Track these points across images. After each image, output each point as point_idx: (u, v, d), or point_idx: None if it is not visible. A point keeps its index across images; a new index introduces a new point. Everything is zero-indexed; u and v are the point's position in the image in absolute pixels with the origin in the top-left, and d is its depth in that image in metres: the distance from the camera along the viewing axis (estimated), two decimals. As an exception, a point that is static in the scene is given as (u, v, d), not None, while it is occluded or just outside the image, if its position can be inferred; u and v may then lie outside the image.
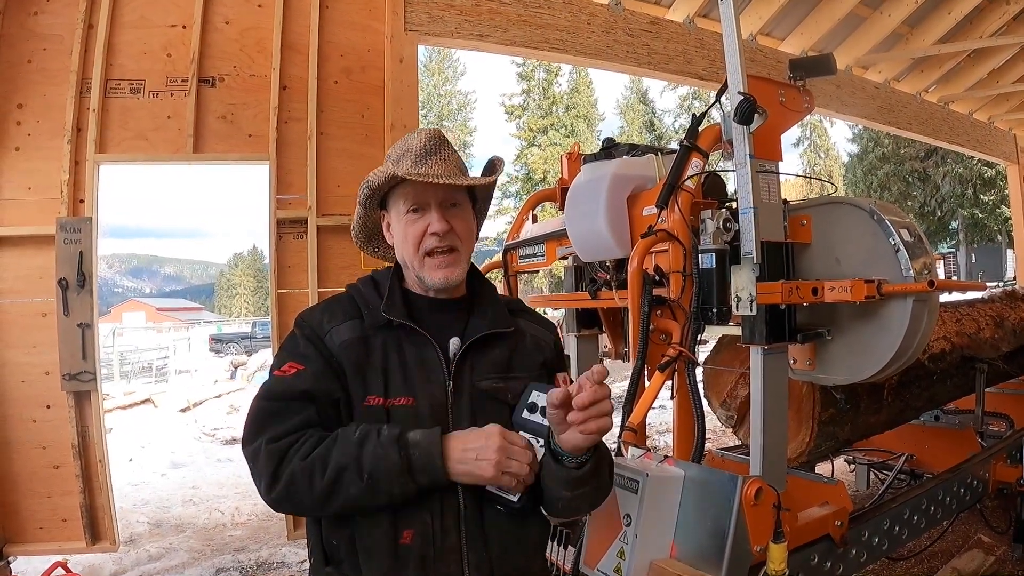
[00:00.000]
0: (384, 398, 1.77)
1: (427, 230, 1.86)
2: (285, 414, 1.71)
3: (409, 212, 1.88)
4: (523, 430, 1.75)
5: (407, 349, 1.83)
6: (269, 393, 1.76)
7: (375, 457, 1.61)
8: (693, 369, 2.49)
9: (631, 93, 58.63)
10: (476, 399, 1.84)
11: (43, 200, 4.85)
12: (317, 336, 1.83)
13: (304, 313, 1.94)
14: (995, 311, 4.50)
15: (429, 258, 1.87)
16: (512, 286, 4.03)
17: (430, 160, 1.89)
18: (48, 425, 4.84)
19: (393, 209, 1.94)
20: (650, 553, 1.86)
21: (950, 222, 39.20)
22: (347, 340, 1.81)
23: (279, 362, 1.83)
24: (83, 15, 4.95)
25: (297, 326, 1.89)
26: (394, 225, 1.95)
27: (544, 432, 1.70)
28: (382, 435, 1.65)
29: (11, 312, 4.85)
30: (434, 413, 1.78)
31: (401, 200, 1.90)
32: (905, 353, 2.50)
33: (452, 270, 1.89)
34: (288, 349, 1.85)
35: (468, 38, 5.79)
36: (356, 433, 1.66)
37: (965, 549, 4.49)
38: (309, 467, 1.62)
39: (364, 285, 1.97)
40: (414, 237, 1.87)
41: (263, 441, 1.66)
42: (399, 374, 1.80)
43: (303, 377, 1.75)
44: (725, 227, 2.44)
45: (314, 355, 1.79)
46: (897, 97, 9.23)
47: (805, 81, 2.68)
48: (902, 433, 4.83)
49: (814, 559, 2.56)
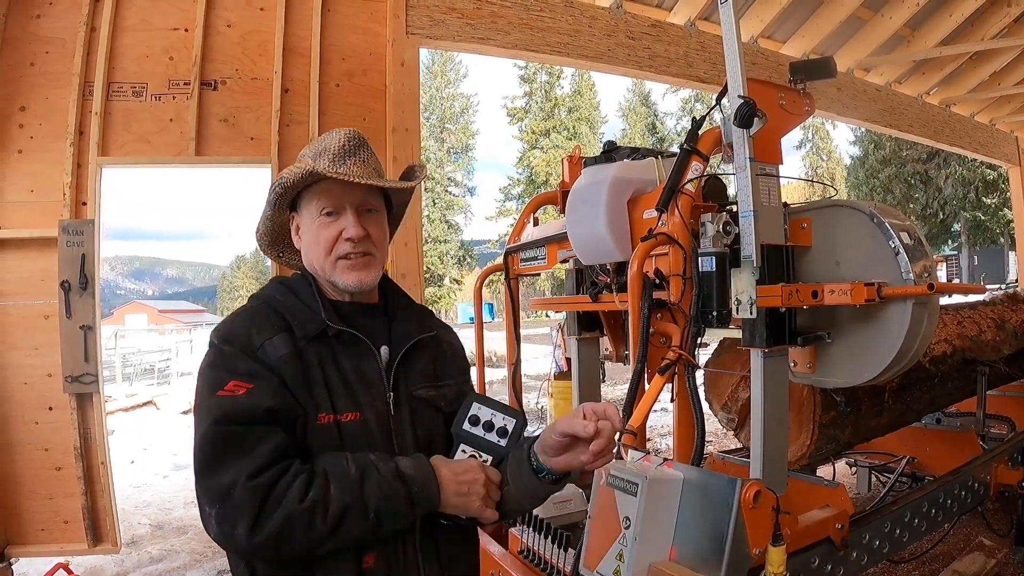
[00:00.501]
0: (333, 414, 1.68)
1: (341, 235, 1.78)
2: (251, 441, 1.53)
3: (323, 215, 1.80)
4: (466, 443, 1.77)
5: (344, 361, 1.75)
6: (224, 417, 1.55)
7: (381, 495, 1.55)
8: (693, 372, 2.49)
9: (633, 96, 58.78)
10: (414, 408, 1.82)
11: (46, 203, 4.87)
12: (250, 352, 1.66)
13: (224, 328, 1.74)
14: (996, 313, 4.50)
15: (343, 261, 1.79)
16: (513, 289, 4.04)
17: (349, 161, 1.81)
18: (50, 427, 4.86)
19: (305, 211, 1.85)
20: (649, 555, 1.87)
21: (952, 224, 39.18)
22: (284, 355, 1.67)
23: (216, 380, 1.61)
24: (86, 18, 4.98)
25: (224, 341, 1.69)
26: (305, 228, 1.86)
27: (489, 448, 1.76)
28: (382, 470, 1.58)
29: (13, 314, 4.86)
30: (380, 426, 1.73)
31: (315, 201, 1.81)
32: (905, 356, 2.50)
33: (367, 272, 1.82)
34: (222, 366, 1.64)
35: (469, 41, 5.80)
36: (352, 468, 1.56)
37: (966, 552, 4.47)
38: (309, 511, 1.49)
39: (281, 294, 1.82)
40: (327, 241, 1.79)
41: (240, 476, 1.48)
42: (342, 387, 1.71)
43: (259, 395, 1.58)
44: (725, 230, 2.44)
45: (260, 370, 1.63)
46: (899, 99, 9.24)
47: (805, 84, 2.68)
48: (903, 436, 4.82)
49: (815, 562, 2.56)
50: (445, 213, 54.58)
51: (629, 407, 2.42)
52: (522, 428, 1.79)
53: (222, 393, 1.58)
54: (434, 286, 51.00)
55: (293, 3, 5.43)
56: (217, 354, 1.67)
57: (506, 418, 1.78)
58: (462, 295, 52.48)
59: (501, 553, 2.96)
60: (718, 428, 6.92)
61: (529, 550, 2.77)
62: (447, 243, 54.20)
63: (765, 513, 1.89)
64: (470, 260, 56.70)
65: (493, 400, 1.82)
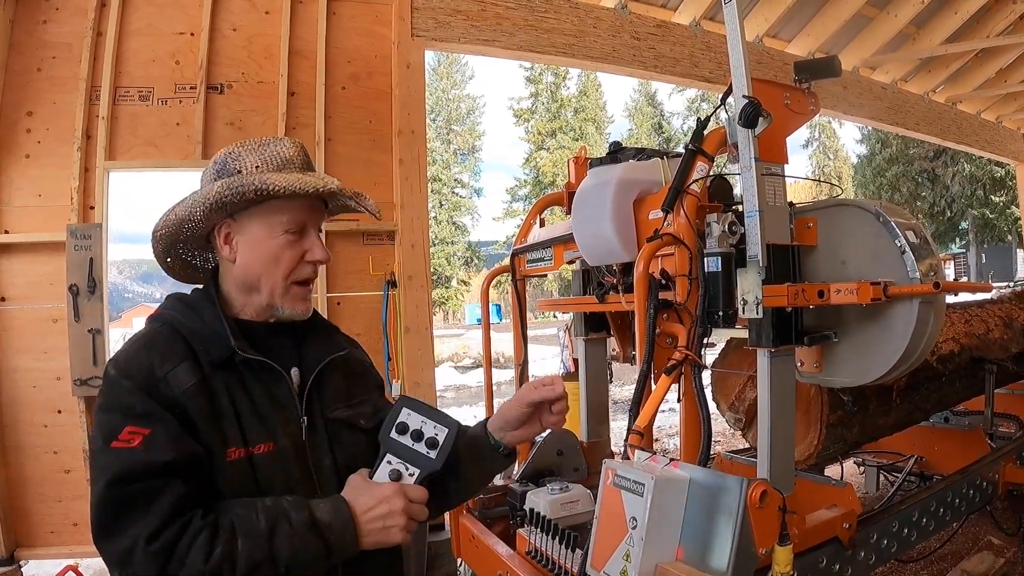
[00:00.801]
0: (244, 448, 1.59)
1: (305, 257, 1.73)
2: (147, 497, 1.42)
3: (287, 233, 1.71)
4: (392, 452, 1.66)
5: (253, 387, 1.66)
6: (121, 475, 1.43)
7: (293, 549, 1.47)
8: (699, 372, 2.49)
9: (640, 96, 58.76)
10: (331, 431, 1.77)
11: (53, 207, 4.91)
12: (151, 384, 1.54)
13: (122, 358, 1.60)
14: (1004, 312, 4.49)
15: (297, 287, 1.74)
16: (520, 290, 4.04)
17: (309, 175, 1.75)
18: (59, 430, 4.89)
19: (257, 223, 1.72)
20: (656, 555, 1.87)
21: (960, 222, 39.03)
22: (190, 387, 1.56)
23: (110, 427, 1.49)
24: (92, 23, 5.01)
25: (122, 375, 1.55)
26: (254, 241, 1.72)
27: (415, 460, 1.65)
28: (293, 521, 1.49)
29: (22, 318, 4.90)
30: (296, 453, 1.66)
31: (277, 216, 1.71)
32: (912, 355, 2.50)
33: (309, 303, 1.80)
34: (117, 408, 1.52)
35: (474, 43, 5.81)
36: (261, 521, 1.47)
37: (975, 551, 4.47)
38: (215, 571, 1.40)
39: (181, 314, 1.70)
40: (289, 262, 1.72)
41: (138, 540, 1.39)
42: (253, 417, 1.63)
43: (156, 445, 1.46)
44: (730, 230, 2.44)
45: (156, 411, 1.50)
46: (905, 98, 9.23)
47: (810, 83, 2.68)
48: (911, 435, 4.82)
49: (822, 561, 2.56)
50: (452, 214, 54.61)
51: (636, 407, 2.42)
52: (454, 439, 1.67)
53: (116, 444, 1.45)
54: (441, 287, 51.05)
55: (298, 6, 5.46)
56: (113, 391, 1.55)
57: (437, 427, 1.67)
58: (469, 296, 52.54)
59: (509, 554, 2.96)
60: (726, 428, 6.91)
61: (537, 551, 2.77)
62: (454, 244, 54.25)
63: (772, 513, 1.89)
64: (477, 261, 56.73)
65: (426, 406, 1.70)
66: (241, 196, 1.65)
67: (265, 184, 1.64)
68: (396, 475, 1.63)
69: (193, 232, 1.78)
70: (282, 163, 1.75)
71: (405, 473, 1.64)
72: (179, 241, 1.82)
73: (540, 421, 1.88)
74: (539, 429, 1.90)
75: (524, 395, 1.85)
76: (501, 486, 3.49)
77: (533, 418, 1.88)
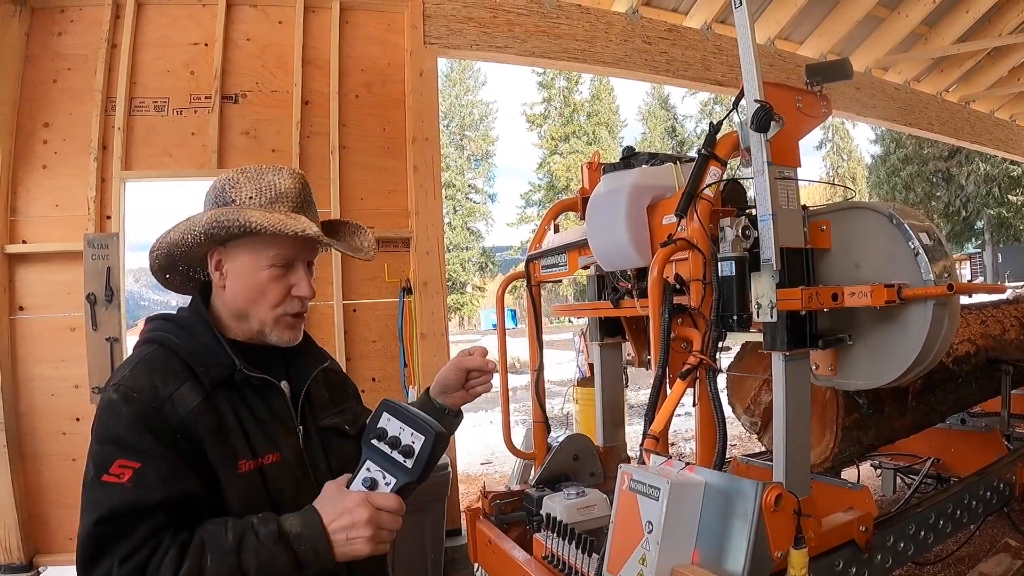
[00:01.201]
0: (253, 459, 1.64)
1: (291, 291, 1.76)
2: (130, 530, 1.45)
3: (274, 267, 1.74)
4: (372, 460, 1.62)
5: (254, 403, 1.71)
6: (107, 515, 1.44)
7: (260, 564, 1.46)
8: (715, 376, 2.49)
9: (652, 99, 58.69)
10: (323, 438, 1.83)
11: (70, 217, 4.94)
12: (153, 410, 1.55)
13: (126, 381, 1.61)
14: (1020, 312, 4.47)
15: (287, 318, 1.78)
16: (535, 296, 4.05)
17: (309, 212, 1.79)
18: (77, 437, 4.90)
19: (245, 254, 1.75)
20: (672, 559, 1.87)
21: (975, 222, 38.81)
22: (196, 406, 1.59)
23: (103, 458, 1.50)
24: (106, 35, 5.05)
25: (123, 400, 1.56)
26: (241, 271, 1.75)
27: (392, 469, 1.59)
28: (261, 535, 1.49)
29: (40, 327, 4.93)
30: (297, 463, 1.73)
31: (264, 249, 1.73)
32: (926, 357, 2.50)
33: (299, 331, 1.84)
34: (113, 439, 1.53)
35: (487, 50, 5.84)
36: (229, 536, 1.48)
37: (992, 553, 4.45)
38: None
39: (177, 336, 1.71)
40: (276, 295, 1.75)
41: (113, 562, 1.42)
42: (258, 430, 1.68)
43: (146, 483, 1.47)
44: (744, 234, 2.45)
45: (152, 446, 1.51)
46: (917, 98, 9.21)
47: (822, 86, 2.69)
48: (928, 437, 4.80)
49: (839, 565, 2.56)
50: (466, 220, 54.63)
51: (651, 412, 2.43)
52: (432, 447, 1.57)
53: (107, 478, 1.47)
54: (456, 293, 51.09)
55: (311, 16, 5.49)
56: (109, 419, 1.56)
57: (415, 435, 1.58)
58: (484, 302, 52.53)
59: (526, 559, 2.97)
60: (742, 432, 6.91)
61: (553, 555, 2.78)
62: (469, 250, 54.25)
63: (787, 516, 1.89)
64: (492, 267, 56.70)
65: (406, 411, 1.62)
66: (226, 230, 1.68)
67: (249, 221, 1.66)
68: (372, 484, 1.59)
69: (187, 254, 1.82)
70: (275, 197, 1.76)
71: (381, 482, 1.59)
72: (176, 261, 1.85)
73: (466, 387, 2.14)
74: (468, 396, 2.15)
75: (460, 362, 2.11)
76: (518, 491, 3.50)
77: (465, 385, 2.13)
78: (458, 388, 2.12)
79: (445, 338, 5.53)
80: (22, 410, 4.89)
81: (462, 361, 2.10)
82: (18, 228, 4.93)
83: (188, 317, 1.78)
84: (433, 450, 1.58)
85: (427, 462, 1.58)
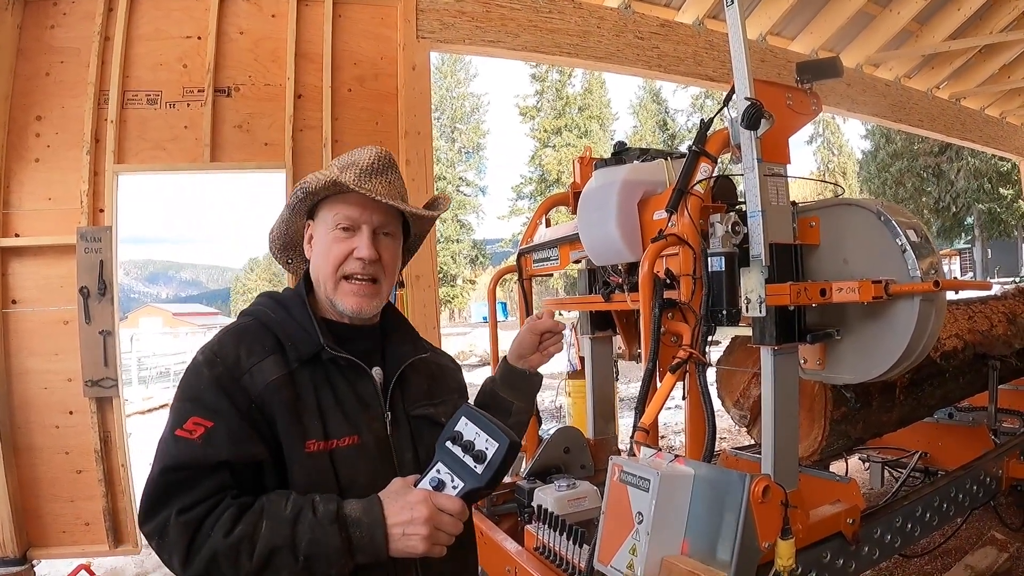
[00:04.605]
0: (324, 441, 1.64)
1: (352, 253, 1.76)
2: (193, 483, 1.50)
3: (338, 228, 1.78)
4: (443, 462, 1.62)
5: (338, 384, 1.73)
6: (175, 464, 1.52)
7: (312, 539, 1.48)
8: (704, 370, 2.52)
9: (644, 93, 58.68)
10: (414, 427, 1.83)
11: (63, 210, 4.94)
12: (232, 378, 1.61)
13: (213, 345, 1.69)
14: (1008, 308, 4.50)
15: (346, 282, 1.78)
16: (527, 289, 4.07)
17: (375, 179, 1.78)
18: (71, 431, 4.92)
19: (321, 221, 1.82)
20: (662, 550, 1.90)
21: (965, 218, 38.95)
22: (274, 380, 1.63)
23: (180, 414, 1.57)
24: (99, 28, 5.05)
25: (206, 363, 1.64)
26: (318, 239, 1.83)
27: (462, 473, 1.59)
28: (319, 512, 1.51)
29: (33, 320, 4.93)
30: (379, 447, 1.72)
31: (332, 213, 1.79)
32: (913, 352, 2.53)
33: (368, 300, 1.80)
34: (192, 397, 1.60)
35: (479, 44, 5.85)
36: (288, 507, 1.51)
37: (978, 546, 4.49)
38: (234, 546, 1.45)
39: (274, 311, 1.78)
40: (336, 257, 1.77)
41: (172, 512, 1.47)
42: (337, 412, 1.69)
43: (215, 442, 1.53)
44: (734, 230, 2.46)
45: (227, 408, 1.57)
46: (908, 94, 9.25)
47: (812, 84, 2.71)
48: (916, 431, 4.84)
49: (826, 556, 2.59)
50: (457, 213, 54.66)
51: (641, 405, 2.45)
52: (504, 455, 1.56)
53: (180, 433, 1.54)
54: (447, 286, 51.05)
55: (304, 9, 5.49)
56: (191, 378, 1.63)
57: (489, 440, 1.58)
58: (476, 295, 52.54)
59: (517, 550, 2.99)
60: (732, 425, 6.95)
61: (545, 546, 2.80)
62: (459, 243, 54.30)
63: (774, 507, 1.92)
64: (483, 259, 56.77)
65: (483, 417, 1.62)
66: (295, 195, 1.79)
67: (303, 183, 1.76)
68: (439, 485, 1.59)
69: (290, 232, 1.95)
70: (347, 165, 1.80)
71: (449, 484, 1.59)
72: (288, 242, 1.99)
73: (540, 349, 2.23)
74: (543, 357, 2.24)
75: (533, 326, 2.21)
76: (509, 483, 3.52)
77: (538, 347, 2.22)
78: (533, 351, 2.21)
79: (437, 331, 5.53)
80: (15, 403, 4.89)
81: (534, 325, 2.21)
82: (11, 221, 4.93)
83: (289, 295, 1.85)
84: (505, 458, 1.56)
85: (497, 469, 1.57)
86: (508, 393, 2.18)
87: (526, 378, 2.22)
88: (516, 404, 2.17)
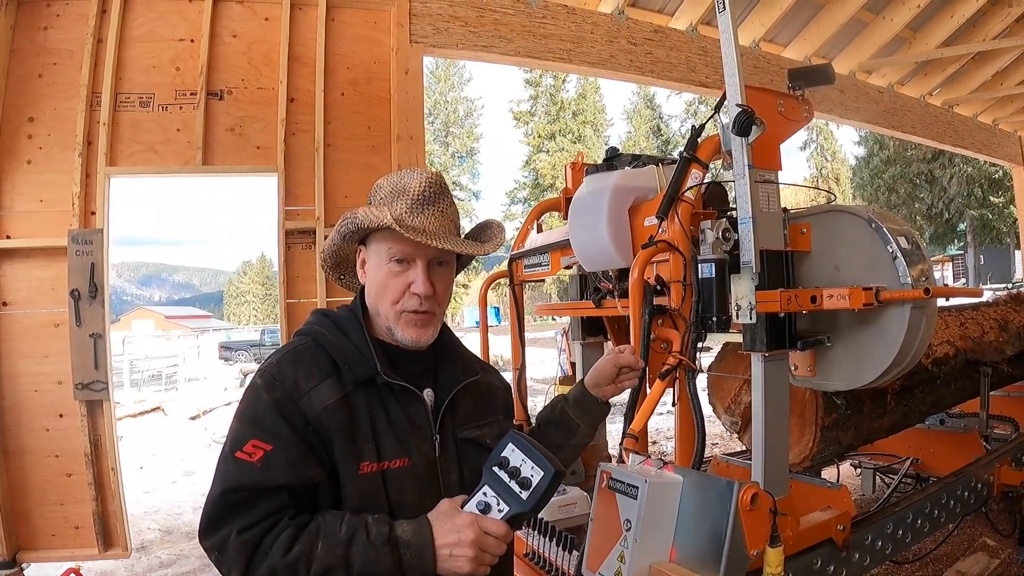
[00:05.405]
0: (377, 463, 1.68)
1: (409, 288, 1.77)
2: (252, 504, 1.56)
3: (393, 261, 1.77)
4: (489, 486, 1.65)
5: (392, 407, 1.75)
6: (235, 485, 1.57)
7: (366, 560, 1.53)
8: (693, 377, 2.52)
9: (638, 99, 58.82)
10: (460, 449, 1.84)
11: (55, 212, 4.92)
12: (291, 401, 1.65)
13: (272, 369, 1.72)
14: (999, 314, 4.51)
15: (407, 314, 1.78)
16: (518, 295, 4.07)
17: (428, 211, 1.79)
18: (61, 434, 4.90)
19: (374, 250, 1.83)
20: (650, 557, 1.90)
21: (958, 224, 39.05)
22: (331, 404, 1.66)
23: (240, 436, 1.62)
24: (92, 30, 5.03)
25: (266, 386, 1.68)
26: (372, 267, 1.84)
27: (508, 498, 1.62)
28: (372, 533, 1.56)
29: (24, 323, 4.91)
30: (428, 470, 1.75)
31: (385, 245, 1.78)
32: (904, 359, 2.53)
33: (426, 330, 1.82)
34: (251, 419, 1.64)
35: (473, 49, 5.85)
36: (343, 529, 1.56)
37: (970, 552, 4.51)
38: (291, 566, 1.50)
39: (330, 332, 1.80)
40: (395, 291, 1.78)
41: (232, 531, 1.53)
42: (390, 434, 1.72)
43: (274, 466, 1.57)
44: (724, 237, 2.47)
45: (286, 432, 1.61)
46: (901, 101, 9.27)
47: (804, 91, 2.71)
48: (907, 437, 4.84)
49: (817, 563, 2.58)
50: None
51: (631, 412, 2.45)
52: (549, 483, 1.60)
53: (239, 455, 1.58)
54: (439, 290, 50.90)
55: (297, 13, 5.48)
56: (252, 401, 1.67)
57: (534, 468, 1.61)
58: (468, 299, 52.47)
59: (507, 556, 2.99)
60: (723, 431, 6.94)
61: (535, 552, 2.80)
62: (452, 247, 54.13)
63: (763, 515, 1.92)
64: (475, 263, 56.66)
65: (530, 444, 1.66)
66: (345, 227, 1.80)
67: (355, 216, 1.77)
68: (485, 508, 1.62)
69: (341, 255, 1.97)
70: (397, 193, 1.81)
71: (495, 508, 1.63)
72: (340, 261, 2.00)
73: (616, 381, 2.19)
74: (617, 389, 2.21)
75: (616, 359, 2.18)
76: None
77: (615, 379, 2.19)
78: (610, 382, 2.18)
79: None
80: (5, 406, 4.87)
81: (617, 359, 2.18)
82: (2, 223, 4.91)
83: (345, 316, 1.86)
84: (549, 486, 1.61)
85: (542, 496, 1.61)
86: (577, 415, 2.16)
87: (598, 406, 2.19)
88: (582, 427, 2.16)
